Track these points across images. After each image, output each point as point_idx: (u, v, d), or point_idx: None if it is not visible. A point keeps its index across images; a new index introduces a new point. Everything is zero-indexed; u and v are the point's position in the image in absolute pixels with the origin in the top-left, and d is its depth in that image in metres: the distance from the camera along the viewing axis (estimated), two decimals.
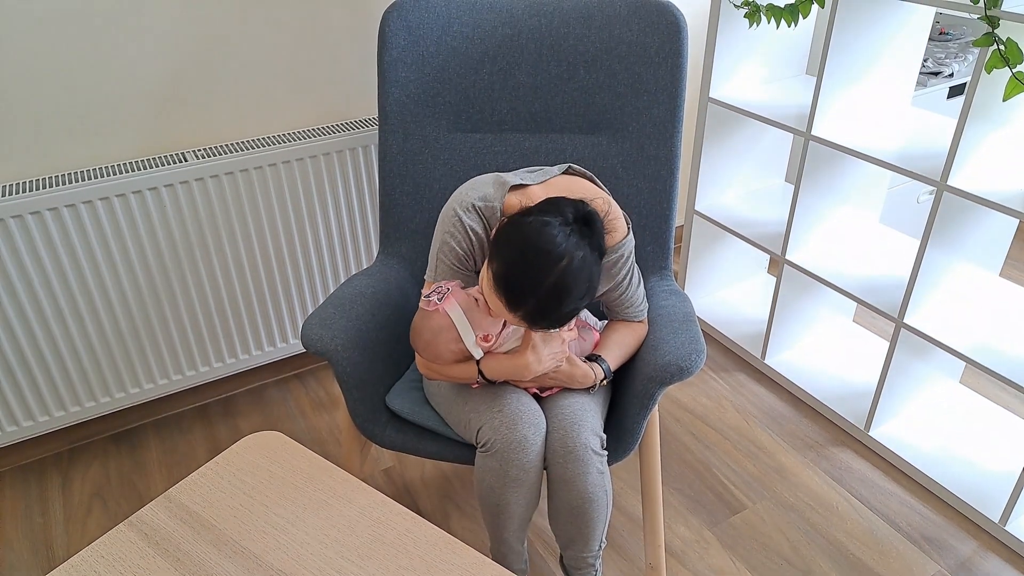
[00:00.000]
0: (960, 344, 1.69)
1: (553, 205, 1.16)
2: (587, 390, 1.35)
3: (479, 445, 1.27)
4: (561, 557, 1.44)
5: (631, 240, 1.34)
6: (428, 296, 1.26)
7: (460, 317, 1.25)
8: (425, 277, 1.36)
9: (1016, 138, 1.66)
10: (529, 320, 1.14)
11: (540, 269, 1.09)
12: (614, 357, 1.37)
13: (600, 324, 1.47)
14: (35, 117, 1.63)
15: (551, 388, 1.34)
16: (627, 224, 1.34)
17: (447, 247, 1.29)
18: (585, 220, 1.15)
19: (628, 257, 1.35)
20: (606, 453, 1.30)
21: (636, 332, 1.41)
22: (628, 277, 1.36)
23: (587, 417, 1.29)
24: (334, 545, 0.94)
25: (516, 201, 1.28)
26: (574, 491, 1.28)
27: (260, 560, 0.92)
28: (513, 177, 1.31)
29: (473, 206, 1.27)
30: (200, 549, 0.94)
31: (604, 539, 1.38)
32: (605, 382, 1.36)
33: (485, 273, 1.16)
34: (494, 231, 1.19)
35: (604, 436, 1.31)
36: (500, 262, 1.12)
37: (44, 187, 1.62)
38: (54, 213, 1.62)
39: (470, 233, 1.27)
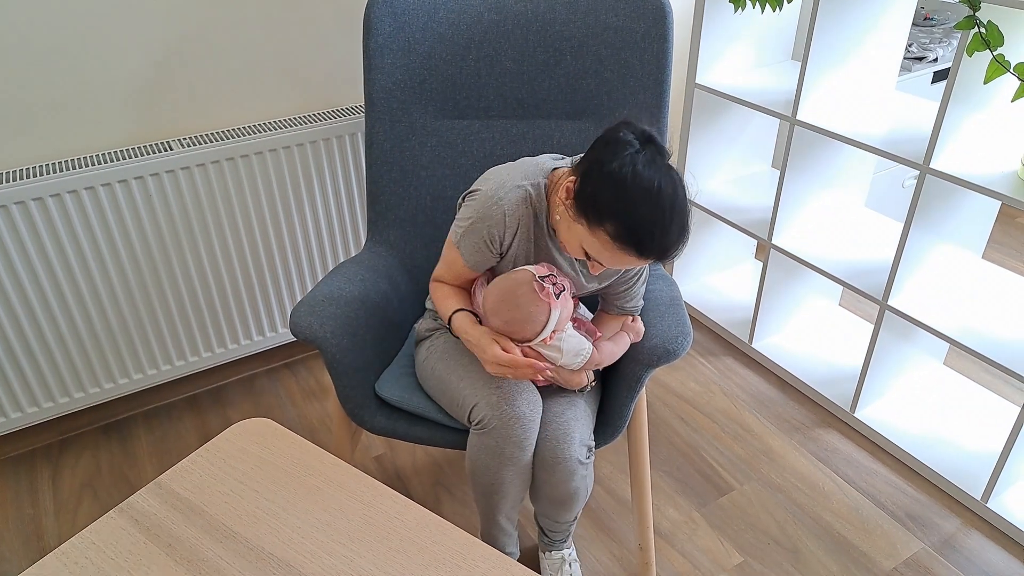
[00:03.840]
0: (944, 326, 1.71)
1: (614, 140, 1.14)
2: (578, 391, 1.36)
3: (473, 423, 1.28)
4: (536, 515, 1.50)
5: None
6: (544, 281, 1.21)
7: (555, 320, 1.23)
8: (449, 236, 1.31)
9: (997, 121, 1.67)
10: (661, 257, 1.13)
11: (664, 218, 1.09)
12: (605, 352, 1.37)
13: (590, 315, 1.48)
14: (20, 106, 1.62)
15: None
16: None
17: (475, 227, 1.24)
18: (649, 139, 1.15)
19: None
20: (592, 458, 1.33)
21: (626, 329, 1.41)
22: (638, 276, 1.36)
23: (577, 427, 1.30)
24: (325, 529, 0.95)
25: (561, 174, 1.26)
26: (557, 490, 1.32)
27: (251, 544, 0.93)
28: (550, 160, 1.31)
29: (520, 187, 1.24)
30: (191, 534, 0.94)
31: (579, 510, 1.44)
32: (595, 383, 1.37)
33: (587, 236, 1.14)
34: (573, 193, 1.15)
35: (592, 443, 1.33)
36: (619, 225, 1.09)
37: (30, 176, 1.61)
38: (39, 203, 1.61)
39: (507, 218, 1.23)
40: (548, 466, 1.29)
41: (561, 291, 1.22)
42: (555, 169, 1.28)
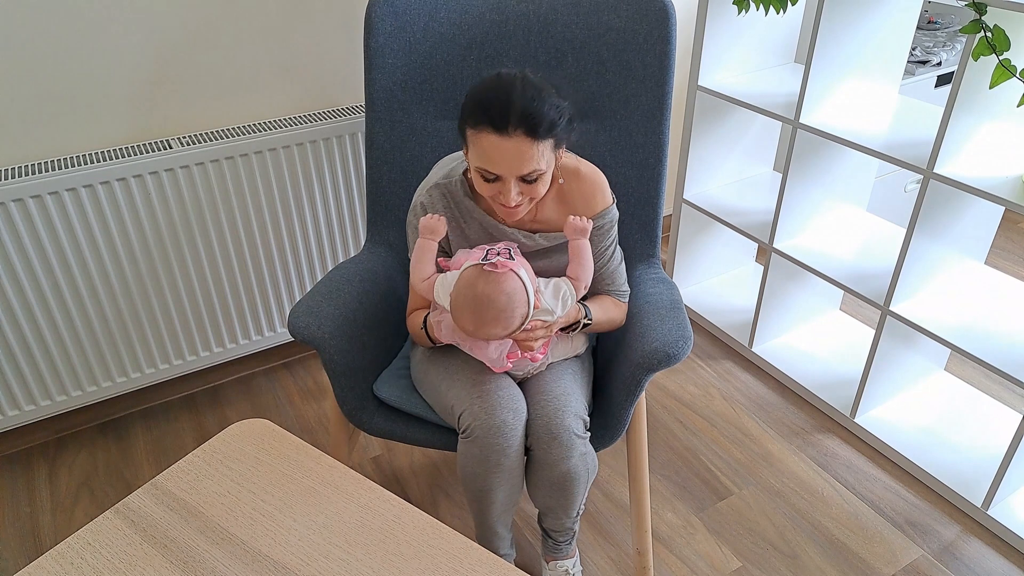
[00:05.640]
0: (945, 331, 1.70)
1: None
2: (569, 328, 1.33)
3: (460, 431, 1.28)
4: (539, 517, 1.47)
5: (615, 211, 1.36)
6: (488, 259, 1.20)
7: (528, 278, 1.21)
8: (408, 254, 1.41)
9: (1002, 126, 1.67)
10: (526, 128, 1.14)
11: (506, 84, 1.15)
12: (595, 309, 1.36)
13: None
14: (18, 104, 1.61)
15: (527, 372, 1.35)
16: (612, 196, 1.36)
17: (411, 226, 1.36)
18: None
19: (611, 227, 1.36)
20: (589, 434, 1.31)
21: (619, 305, 1.42)
22: (611, 249, 1.37)
23: (570, 401, 1.30)
24: (322, 531, 0.94)
25: None
26: (556, 472, 1.29)
27: (248, 546, 0.92)
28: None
29: (437, 184, 1.33)
30: (187, 536, 0.94)
31: (583, 505, 1.41)
32: (586, 320, 1.33)
33: (471, 154, 1.20)
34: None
35: (587, 418, 1.32)
36: (470, 110, 1.16)
37: (29, 174, 1.60)
38: (37, 200, 1.61)
39: (427, 211, 1.33)
40: (544, 443, 1.27)
41: (508, 255, 1.23)
42: None
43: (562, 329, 1.32)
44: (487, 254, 1.22)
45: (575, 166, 1.34)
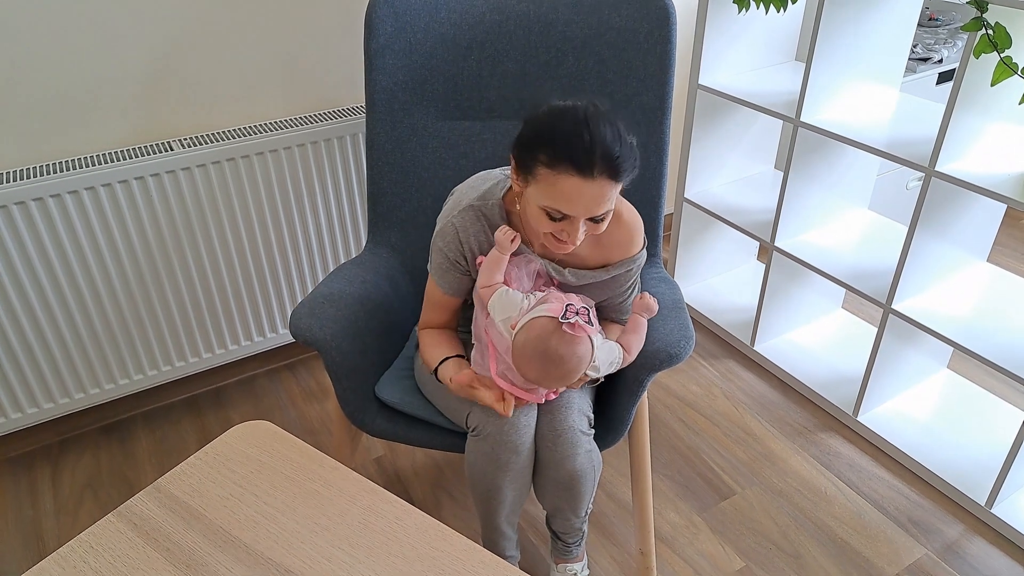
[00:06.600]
0: (948, 330, 1.70)
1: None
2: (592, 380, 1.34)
3: (470, 429, 1.28)
4: (548, 519, 1.47)
5: (644, 255, 1.34)
6: (567, 318, 1.16)
7: (598, 347, 1.20)
8: (428, 267, 1.36)
9: (1004, 123, 1.66)
10: (610, 172, 1.10)
11: (583, 121, 1.09)
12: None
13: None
14: (20, 107, 1.61)
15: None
16: (644, 239, 1.34)
17: (436, 247, 1.30)
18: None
19: (638, 270, 1.35)
20: (593, 431, 1.31)
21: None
22: (632, 287, 1.36)
23: (574, 398, 1.30)
24: (324, 533, 0.94)
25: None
26: (562, 470, 1.29)
27: (251, 549, 0.92)
28: (499, 172, 1.32)
29: (471, 206, 1.27)
30: (190, 539, 0.93)
31: (590, 504, 1.40)
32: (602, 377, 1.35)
33: (535, 192, 1.14)
34: (514, 165, 1.17)
35: (592, 416, 1.32)
36: (545, 147, 1.10)
37: (31, 176, 1.60)
38: (39, 203, 1.61)
39: (459, 235, 1.27)
40: (549, 442, 1.27)
41: (587, 317, 1.18)
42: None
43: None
44: (566, 310, 1.17)
45: (618, 208, 1.28)
